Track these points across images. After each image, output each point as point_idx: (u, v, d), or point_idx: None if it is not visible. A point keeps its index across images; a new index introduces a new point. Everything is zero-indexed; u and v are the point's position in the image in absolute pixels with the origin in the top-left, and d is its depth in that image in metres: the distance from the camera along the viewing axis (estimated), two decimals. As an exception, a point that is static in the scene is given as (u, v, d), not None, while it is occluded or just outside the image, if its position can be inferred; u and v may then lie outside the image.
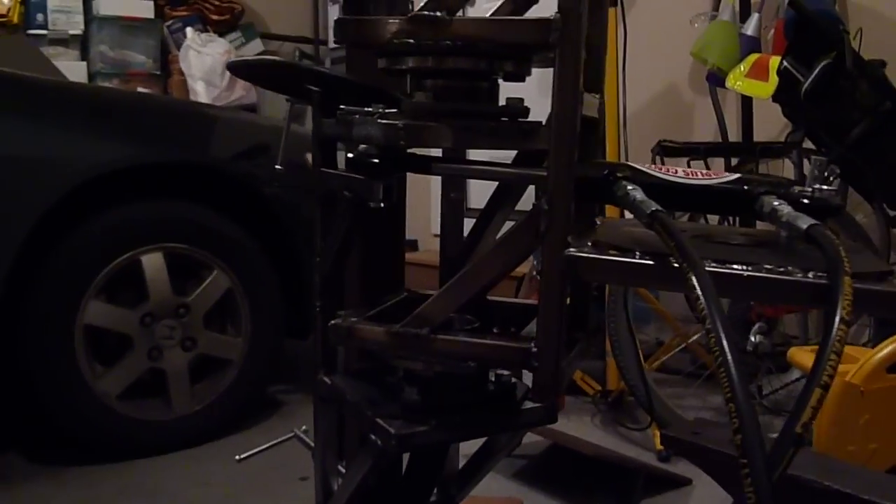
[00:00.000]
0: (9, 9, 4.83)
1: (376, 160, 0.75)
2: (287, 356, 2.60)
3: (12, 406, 2.34)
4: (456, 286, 0.75)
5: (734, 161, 2.50)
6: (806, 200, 0.79)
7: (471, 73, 0.76)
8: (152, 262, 2.21)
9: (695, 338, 2.53)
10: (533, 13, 0.80)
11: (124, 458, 2.16)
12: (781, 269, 0.62)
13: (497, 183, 0.88)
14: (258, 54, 4.98)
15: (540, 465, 2.19)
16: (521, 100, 0.80)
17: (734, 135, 2.90)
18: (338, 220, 0.84)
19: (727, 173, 0.79)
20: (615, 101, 2.45)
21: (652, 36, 3.18)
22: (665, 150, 2.28)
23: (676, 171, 0.78)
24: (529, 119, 0.81)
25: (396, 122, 0.72)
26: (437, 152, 0.89)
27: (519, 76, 0.80)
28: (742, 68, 2.30)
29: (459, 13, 0.73)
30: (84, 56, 4.97)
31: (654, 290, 2.46)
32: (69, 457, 2.14)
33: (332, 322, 0.80)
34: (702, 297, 0.53)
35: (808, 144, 2.37)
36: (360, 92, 0.87)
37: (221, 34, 4.99)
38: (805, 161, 2.49)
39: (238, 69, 1.00)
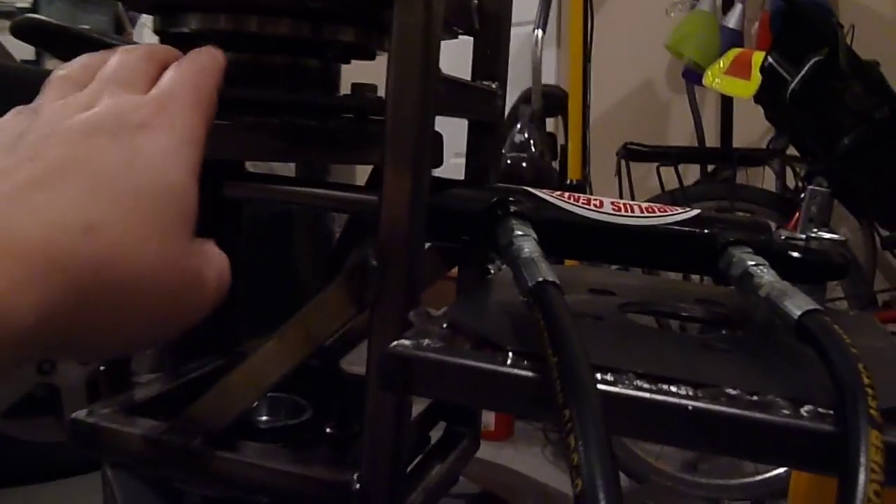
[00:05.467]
0: (-51, -23, 4.51)
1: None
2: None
3: None
4: (244, 375, 0.47)
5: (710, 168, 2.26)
6: (796, 254, 0.52)
7: (281, 42, 0.49)
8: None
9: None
10: None
11: (11, 483, 1.89)
12: (751, 399, 0.36)
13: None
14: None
15: (478, 508, 1.92)
16: (374, 87, 0.53)
17: (712, 139, 2.65)
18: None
19: (679, 209, 0.52)
20: (579, 100, 2.19)
21: (625, 26, 2.91)
22: (631, 154, 2.02)
23: (601, 204, 0.51)
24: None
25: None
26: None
27: (363, 51, 0.52)
28: (721, 64, 2.04)
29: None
30: (30, 30, 4.66)
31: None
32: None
33: (74, 415, 0.53)
34: (582, 465, 0.27)
35: (792, 152, 2.13)
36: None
37: (176, 11, 4.67)
38: (788, 170, 2.25)
39: (20, 30, 0.72)
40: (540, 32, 2.31)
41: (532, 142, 2.41)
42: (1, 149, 0.33)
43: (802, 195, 1.97)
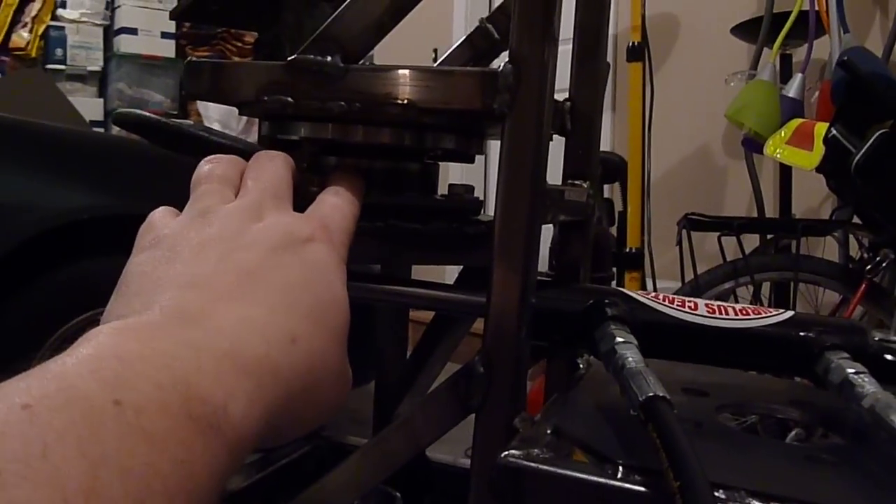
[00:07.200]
0: (28, 43, 4.74)
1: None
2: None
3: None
4: (345, 475, 0.49)
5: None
6: (891, 357, 0.52)
7: (386, 150, 0.51)
8: (112, 326, 1.97)
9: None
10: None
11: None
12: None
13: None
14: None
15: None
16: (471, 188, 0.55)
17: (770, 206, 2.63)
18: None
19: (773, 310, 0.53)
20: (638, 168, 2.20)
21: (684, 95, 2.93)
22: (693, 224, 2.01)
23: (696, 306, 0.52)
24: (485, 215, 0.56)
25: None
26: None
27: (464, 156, 0.55)
28: (783, 134, 2.03)
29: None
30: (102, 93, 4.88)
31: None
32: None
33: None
34: None
35: (855, 220, 2.10)
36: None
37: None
38: (851, 238, 2.22)
39: (123, 124, 0.77)
40: (598, 101, 2.34)
41: (589, 208, 2.42)
42: (192, 256, 0.36)
43: (868, 266, 1.95)
